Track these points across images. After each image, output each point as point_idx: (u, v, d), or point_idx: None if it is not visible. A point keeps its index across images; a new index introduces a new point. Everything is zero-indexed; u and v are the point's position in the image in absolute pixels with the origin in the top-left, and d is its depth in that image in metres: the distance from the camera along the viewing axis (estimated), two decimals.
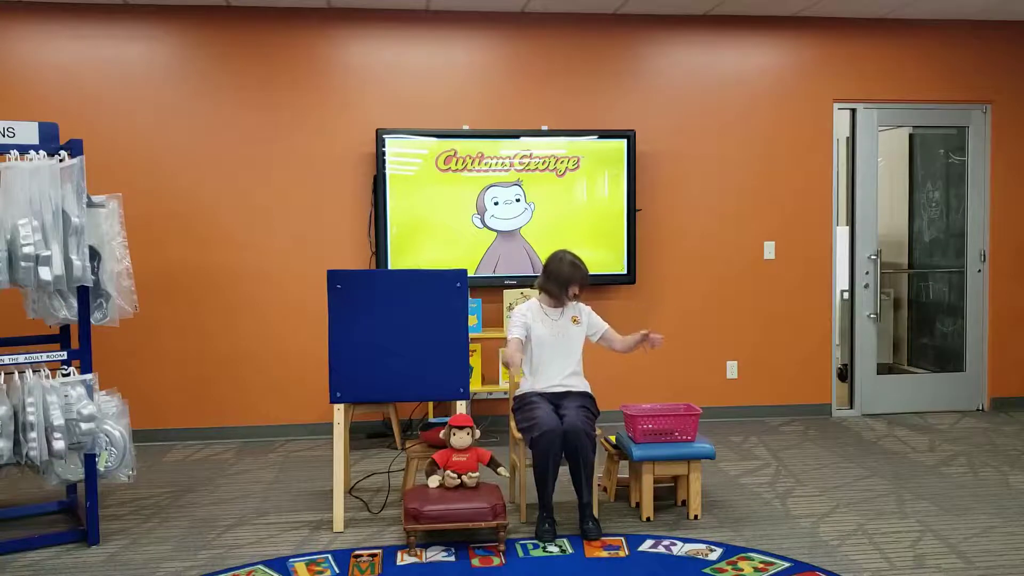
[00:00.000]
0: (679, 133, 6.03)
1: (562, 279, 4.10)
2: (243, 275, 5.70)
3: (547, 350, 4.11)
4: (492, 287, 5.70)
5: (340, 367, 3.95)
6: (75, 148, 3.68)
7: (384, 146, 5.59)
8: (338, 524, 3.92)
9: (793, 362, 6.20)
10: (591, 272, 4.25)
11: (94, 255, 3.80)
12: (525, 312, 4.16)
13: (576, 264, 4.12)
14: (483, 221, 5.76)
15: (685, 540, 3.77)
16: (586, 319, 4.21)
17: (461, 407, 4.08)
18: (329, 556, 3.63)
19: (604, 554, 3.63)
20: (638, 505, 4.11)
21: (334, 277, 3.98)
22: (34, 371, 3.63)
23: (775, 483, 4.63)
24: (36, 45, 5.49)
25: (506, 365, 4.07)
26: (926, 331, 6.96)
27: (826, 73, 6.14)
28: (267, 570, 3.50)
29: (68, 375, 3.71)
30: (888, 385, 6.47)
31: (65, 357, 3.81)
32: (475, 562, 3.55)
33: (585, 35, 5.91)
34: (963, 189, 6.46)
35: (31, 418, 3.54)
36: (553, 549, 3.68)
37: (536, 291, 4.27)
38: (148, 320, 5.40)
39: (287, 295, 5.71)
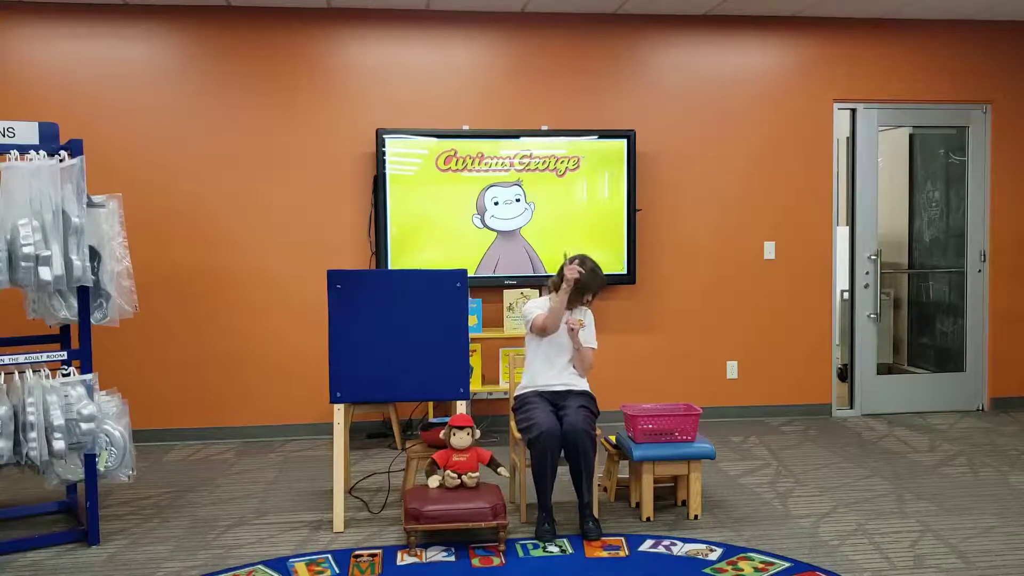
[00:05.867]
0: (679, 133, 6.03)
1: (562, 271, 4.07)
2: (243, 275, 5.70)
3: (552, 348, 4.11)
4: (492, 287, 5.70)
5: (340, 367, 3.95)
6: (75, 148, 3.68)
7: (384, 146, 5.59)
8: (338, 524, 3.92)
9: (793, 362, 6.20)
10: None
11: (94, 255, 3.80)
12: (539, 304, 4.17)
13: (596, 272, 4.10)
14: (483, 221, 5.76)
15: (685, 540, 3.77)
16: (588, 328, 4.18)
17: (461, 407, 4.08)
18: (329, 556, 3.63)
19: (604, 554, 3.63)
20: (638, 505, 4.11)
21: (334, 277, 3.98)
22: (34, 371, 3.63)
23: (775, 483, 4.63)
24: (36, 45, 5.49)
25: (543, 330, 4.05)
26: (926, 331, 6.96)
27: (826, 73, 6.14)
28: (267, 570, 3.50)
29: (68, 375, 3.71)
30: (888, 385, 6.47)
31: (65, 357, 3.81)
32: (475, 562, 3.55)
33: (585, 35, 5.91)
34: (963, 189, 6.46)
35: (31, 418, 3.54)
36: (553, 549, 3.68)
37: (543, 291, 4.26)
38: (148, 320, 5.41)
39: (287, 295, 5.71)
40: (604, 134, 5.82)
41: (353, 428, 5.47)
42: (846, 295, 6.47)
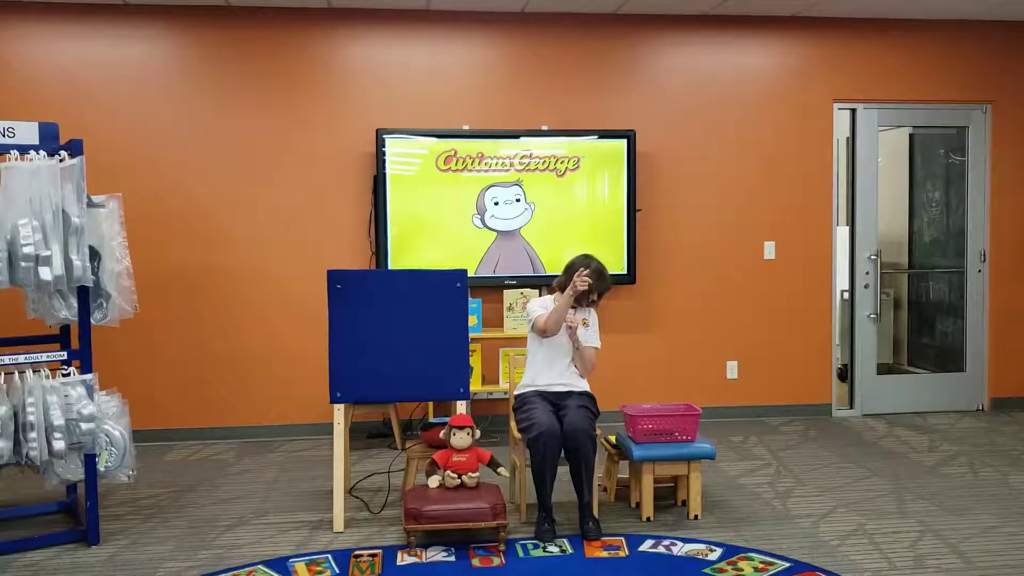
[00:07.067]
0: (679, 133, 6.03)
1: (573, 269, 4.05)
2: (243, 275, 5.70)
3: (553, 348, 4.11)
4: (492, 287, 5.70)
5: (340, 367, 3.95)
6: (75, 148, 3.68)
7: (384, 146, 5.59)
8: (338, 524, 3.92)
9: (793, 362, 6.20)
10: None
11: (94, 255, 3.80)
12: (543, 303, 4.17)
13: (603, 273, 4.10)
14: (483, 221, 5.76)
15: (685, 540, 3.77)
16: (591, 327, 4.19)
17: (461, 407, 4.08)
18: (329, 556, 3.63)
19: (604, 554, 3.63)
20: (638, 505, 4.11)
21: (334, 277, 3.98)
22: (34, 371, 3.63)
23: (775, 483, 4.63)
24: (36, 45, 5.49)
25: (543, 332, 4.04)
26: (926, 331, 6.96)
27: (826, 73, 6.14)
28: (267, 570, 3.50)
29: (68, 375, 3.71)
30: (888, 385, 6.47)
31: (65, 357, 3.81)
32: (475, 562, 3.55)
33: (585, 35, 5.91)
34: (963, 189, 6.46)
35: (31, 418, 3.54)
36: (553, 549, 3.68)
37: (546, 291, 4.26)
38: (148, 320, 5.40)
39: (287, 295, 5.71)
40: (604, 134, 5.82)
41: (353, 428, 5.46)
42: (846, 295, 6.47)
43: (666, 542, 3.75)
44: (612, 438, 4.39)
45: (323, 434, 5.68)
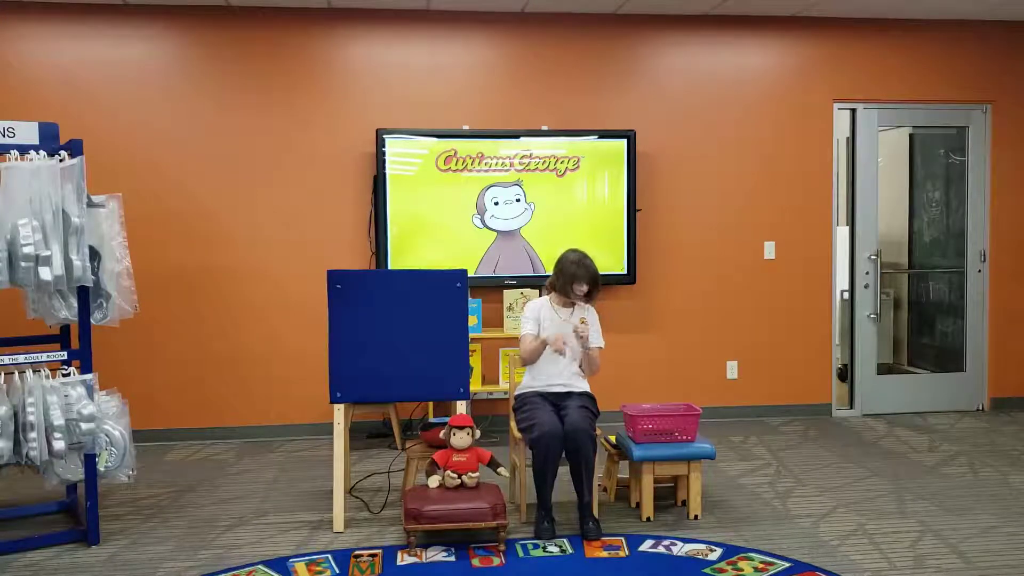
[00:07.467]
0: (679, 133, 6.03)
1: (567, 275, 4.07)
2: (243, 275, 5.70)
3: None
4: (492, 287, 5.70)
5: (340, 367, 3.95)
6: (75, 148, 3.68)
7: (384, 146, 5.59)
8: (338, 524, 3.92)
9: (793, 362, 6.20)
10: None
11: (94, 255, 3.80)
12: (536, 308, 4.16)
13: (582, 263, 4.05)
14: (483, 221, 5.76)
15: (685, 540, 3.77)
16: (592, 327, 4.18)
17: (461, 407, 4.08)
18: (329, 556, 3.63)
19: (604, 554, 3.63)
20: (638, 505, 4.11)
21: (334, 277, 3.98)
22: (34, 371, 3.63)
23: (775, 483, 4.63)
24: (36, 45, 5.49)
25: (526, 360, 4.07)
26: (926, 331, 6.96)
27: (826, 73, 6.14)
28: (267, 570, 3.50)
29: (68, 375, 3.71)
30: (888, 385, 6.47)
31: (65, 357, 3.81)
32: (475, 562, 3.55)
33: (585, 35, 5.91)
34: (963, 189, 6.46)
35: (31, 418, 3.54)
36: (553, 549, 3.68)
37: (544, 291, 4.28)
38: (148, 320, 5.40)
39: (287, 295, 5.71)
40: (604, 134, 5.82)
41: (353, 428, 5.46)
42: (846, 295, 6.47)
43: (666, 542, 3.75)
44: (612, 438, 4.40)
45: (323, 434, 5.68)
